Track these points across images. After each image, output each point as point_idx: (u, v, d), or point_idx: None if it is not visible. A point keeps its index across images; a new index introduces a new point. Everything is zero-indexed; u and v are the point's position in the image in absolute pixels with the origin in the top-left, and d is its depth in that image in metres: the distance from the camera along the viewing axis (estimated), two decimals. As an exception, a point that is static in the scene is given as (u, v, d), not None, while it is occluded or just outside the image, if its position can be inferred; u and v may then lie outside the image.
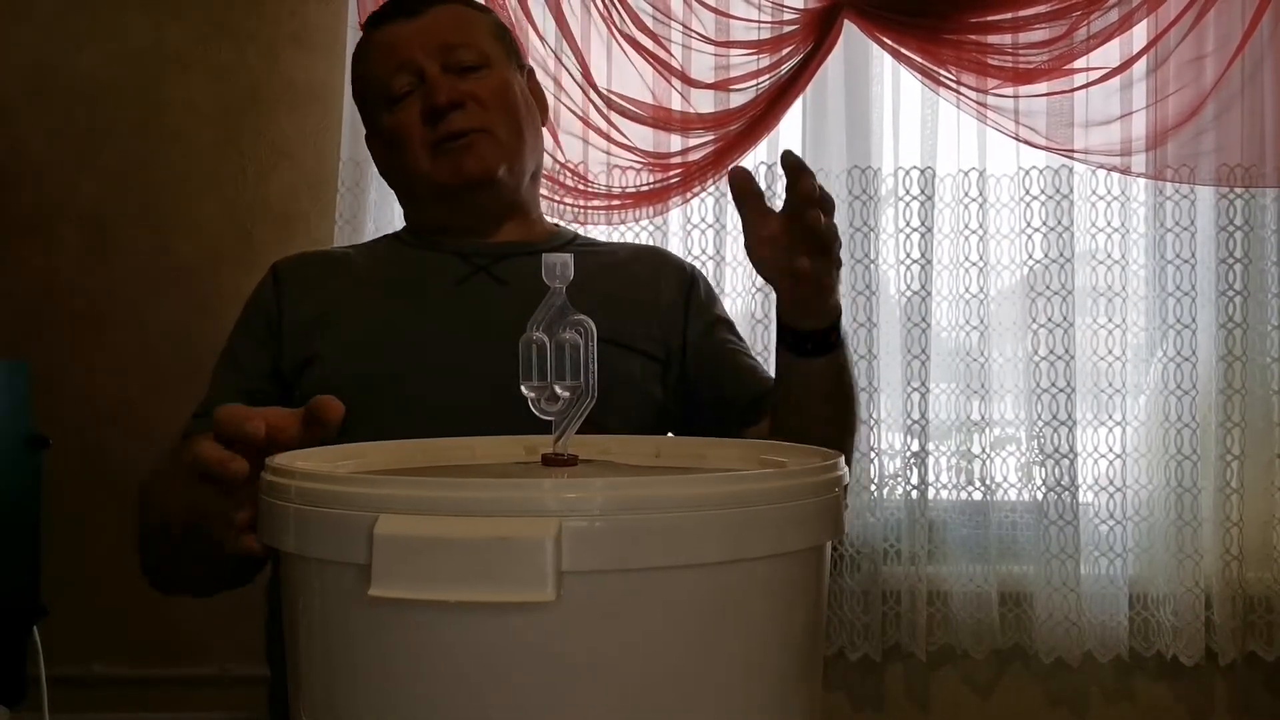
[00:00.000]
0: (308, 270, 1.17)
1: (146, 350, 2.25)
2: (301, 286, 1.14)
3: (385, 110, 1.16)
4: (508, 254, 1.16)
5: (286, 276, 1.16)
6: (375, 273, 1.17)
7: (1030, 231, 2.19)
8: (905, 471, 2.19)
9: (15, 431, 1.70)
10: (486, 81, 1.15)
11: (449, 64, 1.14)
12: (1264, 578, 2.16)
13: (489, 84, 1.15)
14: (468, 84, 1.13)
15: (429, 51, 1.13)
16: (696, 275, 1.26)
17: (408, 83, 1.14)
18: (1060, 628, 2.14)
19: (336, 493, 0.55)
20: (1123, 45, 2.18)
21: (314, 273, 1.17)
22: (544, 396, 0.70)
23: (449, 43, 1.14)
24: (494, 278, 1.14)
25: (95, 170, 2.29)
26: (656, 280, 1.22)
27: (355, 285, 1.15)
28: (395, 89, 1.14)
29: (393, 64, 1.14)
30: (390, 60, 1.15)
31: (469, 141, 1.12)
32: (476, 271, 1.14)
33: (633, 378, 1.11)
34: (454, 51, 1.14)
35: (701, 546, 0.53)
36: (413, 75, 1.14)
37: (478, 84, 1.14)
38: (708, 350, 1.20)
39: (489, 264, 1.15)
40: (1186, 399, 2.14)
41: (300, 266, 1.18)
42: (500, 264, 1.15)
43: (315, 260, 1.21)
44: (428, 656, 0.52)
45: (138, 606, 2.17)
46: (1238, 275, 2.15)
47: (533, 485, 0.53)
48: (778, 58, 2.20)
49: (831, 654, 2.20)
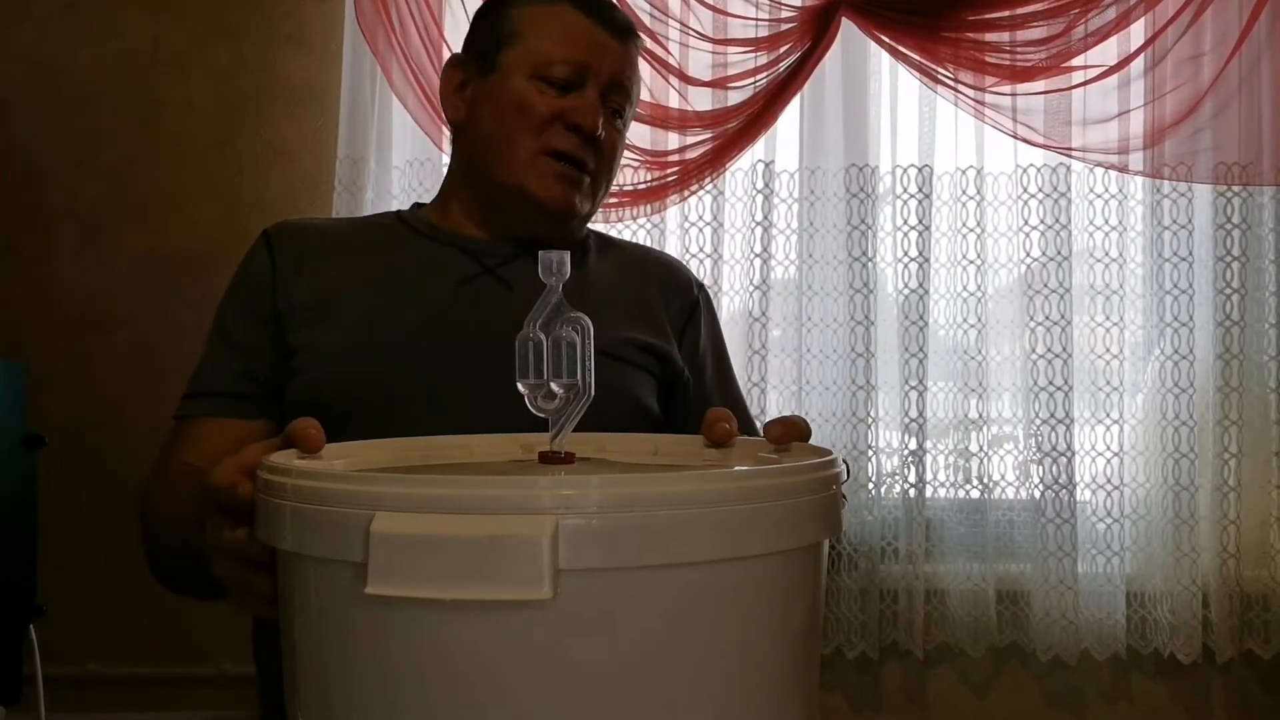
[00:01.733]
0: (303, 245, 1.10)
1: (144, 350, 2.25)
2: (297, 264, 1.08)
3: (529, 75, 1.09)
4: (519, 254, 1.11)
5: (281, 250, 1.09)
6: (377, 259, 1.11)
7: (1028, 229, 2.19)
8: (903, 470, 2.19)
9: (12, 431, 1.70)
10: (618, 138, 1.15)
11: (607, 99, 1.11)
12: (1261, 576, 2.17)
13: (617, 140, 1.14)
14: (609, 130, 1.12)
15: (604, 76, 1.10)
16: (699, 300, 1.23)
17: (567, 74, 1.09)
18: (1057, 626, 2.14)
19: (333, 491, 0.55)
20: (1120, 43, 2.18)
21: (311, 249, 1.10)
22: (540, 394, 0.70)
23: (622, 85, 1.13)
24: (500, 279, 1.11)
25: (93, 170, 2.29)
26: (662, 294, 1.19)
27: (355, 271, 1.09)
28: (556, 73, 1.08)
29: (572, 53, 1.09)
30: (572, 48, 1.09)
31: (576, 177, 1.10)
32: (482, 272, 1.11)
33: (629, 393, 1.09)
34: (617, 92, 1.12)
35: (699, 544, 0.53)
36: (577, 76, 1.09)
37: (613, 135, 1.13)
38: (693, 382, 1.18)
39: (496, 265, 1.11)
40: (1184, 397, 2.14)
41: (295, 240, 1.11)
42: (507, 265, 1.11)
43: (312, 234, 1.13)
44: (425, 655, 0.52)
45: (134, 606, 2.17)
46: (1235, 273, 2.15)
47: (529, 483, 0.53)
48: (775, 55, 2.20)
49: (829, 652, 2.20)
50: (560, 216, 1.10)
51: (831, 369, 2.20)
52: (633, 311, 1.15)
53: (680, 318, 1.19)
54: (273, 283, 1.07)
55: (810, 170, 2.21)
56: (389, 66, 2.18)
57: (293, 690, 0.60)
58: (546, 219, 1.10)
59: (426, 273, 1.10)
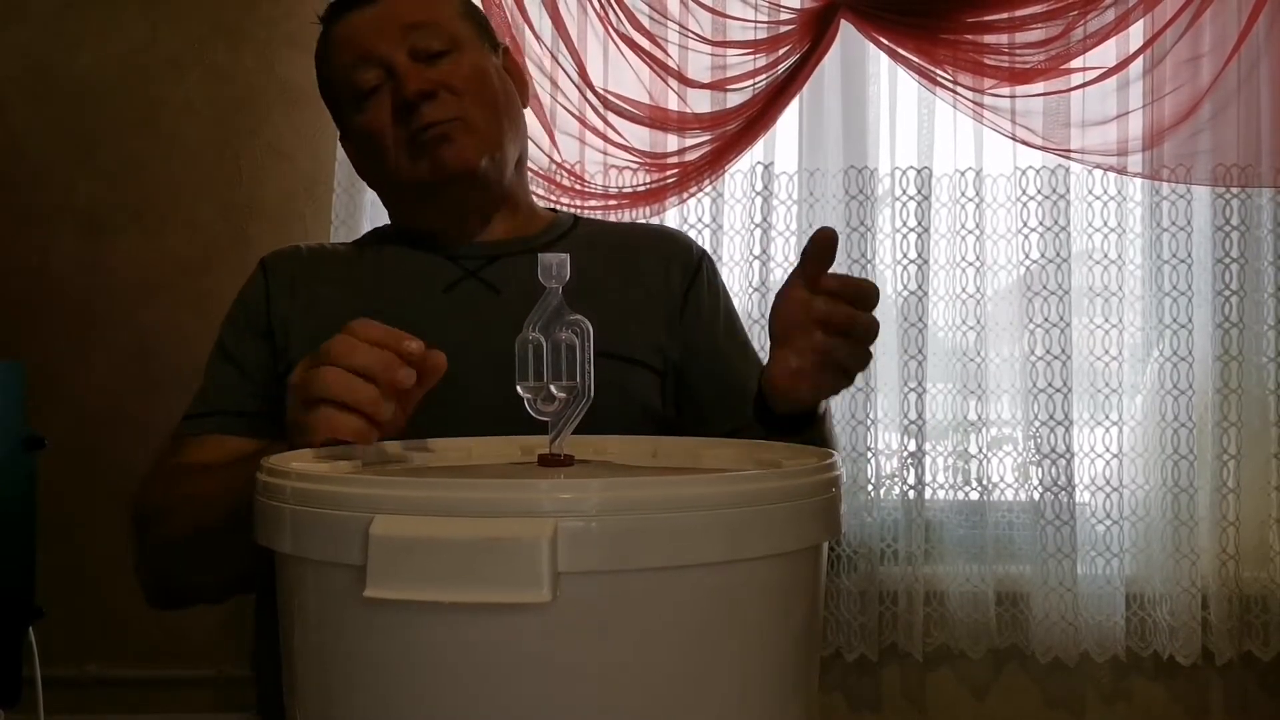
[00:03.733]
0: (297, 268, 1.12)
1: (143, 351, 2.25)
2: (291, 285, 1.10)
3: (354, 109, 1.08)
4: (500, 254, 1.11)
5: (276, 273, 1.11)
6: (362, 274, 1.12)
7: (1027, 231, 2.19)
8: (902, 471, 2.19)
9: (10, 432, 1.69)
10: (457, 67, 1.07)
11: (415, 50, 1.05)
12: (1260, 577, 2.17)
13: (460, 69, 1.06)
14: (438, 71, 1.05)
15: (391, 39, 1.05)
16: (701, 265, 1.18)
17: (374, 77, 1.06)
18: (1057, 628, 2.14)
19: (332, 493, 0.54)
20: (1119, 45, 2.18)
21: (303, 271, 1.12)
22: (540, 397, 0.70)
23: (412, 24, 1.06)
24: (485, 283, 1.09)
25: (91, 171, 2.29)
26: (663, 268, 1.16)
27: (343, 288, 1.10)
28: (361, 85, 1.06)
29: (354, 57, 1.07)
30: (351, 53, 1.07)
31: (444, 133, 1.04)
32: (466, 276, 1.10)
33: (631, 393, 1.07)
34: (419, 35, 1.06)
35: (698, 547, 0.53)
36: (378, 68, 1.06)
37: (448, 70, 1.06)
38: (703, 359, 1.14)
39: (480, 267, 1.10)
40: (1183, 399, 2.14)
41: (290, 263, 1.13)
42: (492, 267, 1.10)
43: (305, 257, 1.15)
44: (424, 658, 0.52)
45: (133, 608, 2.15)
46: (1234, 275, 2.15)
47: (528, 486, 0.52)
48: (774, 57, 2.20)
49: (828, 654, 2.20)
50: (458, 175, 1.06)
51: (831, 370, 2.19)
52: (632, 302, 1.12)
53: (683, 284, 1.16)
54: (266, 302, 1.09)
55: (809, 172, 2.21)
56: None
57: (292, 692, 0.60)
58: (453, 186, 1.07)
59: (412, 282, 1.10)
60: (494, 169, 1.09)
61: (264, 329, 1.08)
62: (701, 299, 1.16)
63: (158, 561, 0.98)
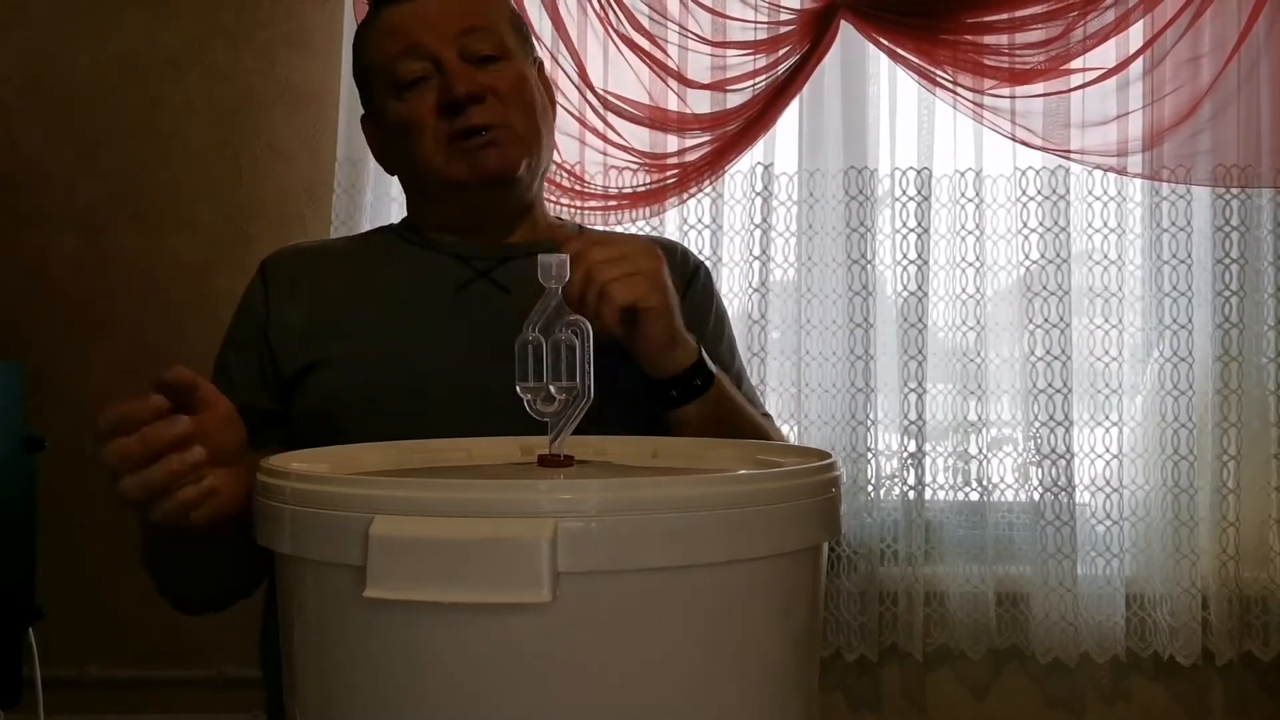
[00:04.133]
0: (299, 268, 1.12)
1: (142, 352, 2.24)
2: (292, 287, 1.09)
3: (392, 96, 1.08)
4: (511, 256, 1.11)
5: (276, 277, 1.11)
6: (372, 273, 1.12)
7: (1027, 232, 2.19)
8: (902, 472, 2.19)
9: (11, 433, 1.69)
10: (505, 74, 1.07)
11: (466, 52, 1.06)
12: (1260, 578, 2.17)
13: (508, 76, 1.07)
14: (486, 75, 1.06)
15: (445, 37, 1.05)
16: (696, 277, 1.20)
17: (420, 69, 1.06)
18: (1057, 628, 2.14)
19: (332, 494, 0.55)
20: (1119, 46, 2.18)
21: (306, 271, 1.11)
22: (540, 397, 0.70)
23: (467, 28, 1.06)
24: (496, 284, 1.10)
25: (91, 172, 2.29)
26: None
27: (351, 287, 1.10)
28: (404, 75, 1.06)
29: (402, 46, 1.06)
30: (400, 42, 1.06)
31: (491, 138, 1.05)
32: (478, 277, 1.10)
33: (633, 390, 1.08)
34: (472, 38, 1.06)
35: (698, 547, 0.53)
36: (425, 61, 1.05)
37: (496, 76, 1.06)
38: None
39: (491, 268, 1.10)
40: (1183, 399, 2.14)
41: (291, 264, 1.12)
42: (503, 268, 1.10)
43: (308, 257, 1.15)
44: (423, 658, 0.52)
45: (133, 608, 2.16)
46: (1234, 275, 2.15)
47: (528, 486, 0.52)
48: (774, 58, 2.20)
49: (828, 654, 2.19)
50: (497, 179, 1.07)
51: (831, 371, 2.20)
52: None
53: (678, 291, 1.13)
54: (265, 313, 1.08)
55: (809, 173, 2.21)
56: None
57: (292, 692, 0.60)
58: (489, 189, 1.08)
59: (423, 282, 1.10)
60: (528, 175, 1.10)
61: (263, 341, 1.07)
62: (695, 305, 1.17)
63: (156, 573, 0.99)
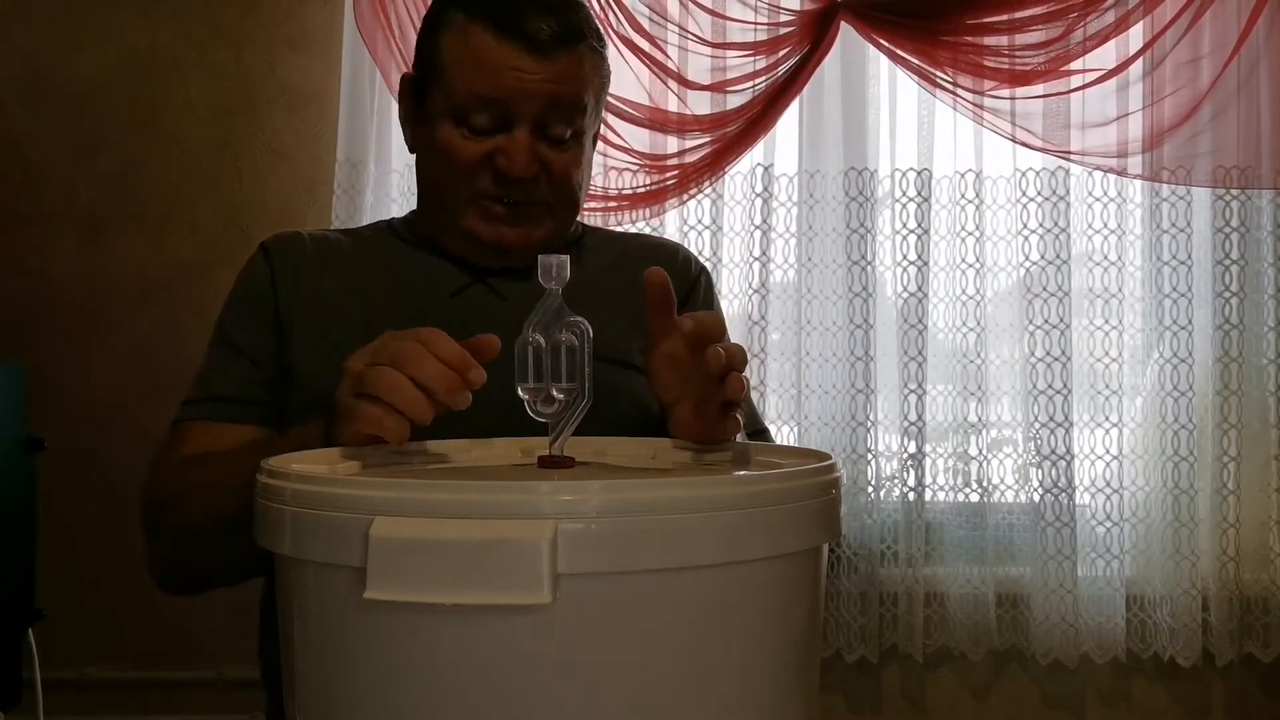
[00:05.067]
0: (300, 257, 1.10)
1: (142, 352, 2.25)
2: (294, 276, 1.08)
3: (450, 119, 1.02)
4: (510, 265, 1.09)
5: (279, 260, 1.09)
6: (368, 273, 1.11)
7: (1027, 233, 2.19)
8: (902, 473, 2.19)
9: (10, 434, 1.69)
10: (566, 155, 1.04)
11: (542, 125, 1.02)
12: (1261, 579, 2.17)
13: (567, 159, 1.04)
14: (548, 153, 1.03)
15: (532, 107, 1.00)
16: (699, 281, 1.19)
17: (489, 121, 1.01)
18: (1057, 629, 2.14)
19: (332, 495, 0.54)
20: (1119, 47, 2.18)
21: (307, 262, 1.10)
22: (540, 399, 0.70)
23: (556, 100, 1.01)
24: (493, 291, 1.09)
25: (91, 172, 2.29)
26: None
27: (349, 284, 1.09)
28: (475, 121, 1.01)
29: (486, 91, 1.00)
30: (486, 85, 1.00)
31: (521, 213, 1.04)
32: (473, 282, 1.09)
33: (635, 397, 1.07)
34: (554, 116, 1.02)
35: (698, 548, 0.53)
36: (500, 116, 1.01)
37: (558, 156, 1.03)
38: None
39: (488, 275, 1.10)
40: (1183, 400, 2.14)
41: (293, 252, 1.10)
42: (500, 276, 1.10)
43: (309, 247, 1.12)
44: (424, 659, 0.52)
45: (133, 609, 2.17)
46: (1234, 276, 2.15)
47: (528, 487, 0.52)
48: (774, 59, 2.20)
49: (829, 656, 2.19)
50: (511, 252, 1.07)
51: (831, 372, 2.19)
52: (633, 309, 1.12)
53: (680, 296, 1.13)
54: (273, 292, 1.07)
55: (809, 174, 2.21)
56: (388, 70, 2.18)
57: (291, 694, 0.60)
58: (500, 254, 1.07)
59: (419, 284, 1.10)
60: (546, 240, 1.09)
61: (271, 318, 1.06)
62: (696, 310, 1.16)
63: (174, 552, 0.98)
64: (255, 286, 1.09)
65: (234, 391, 1.04)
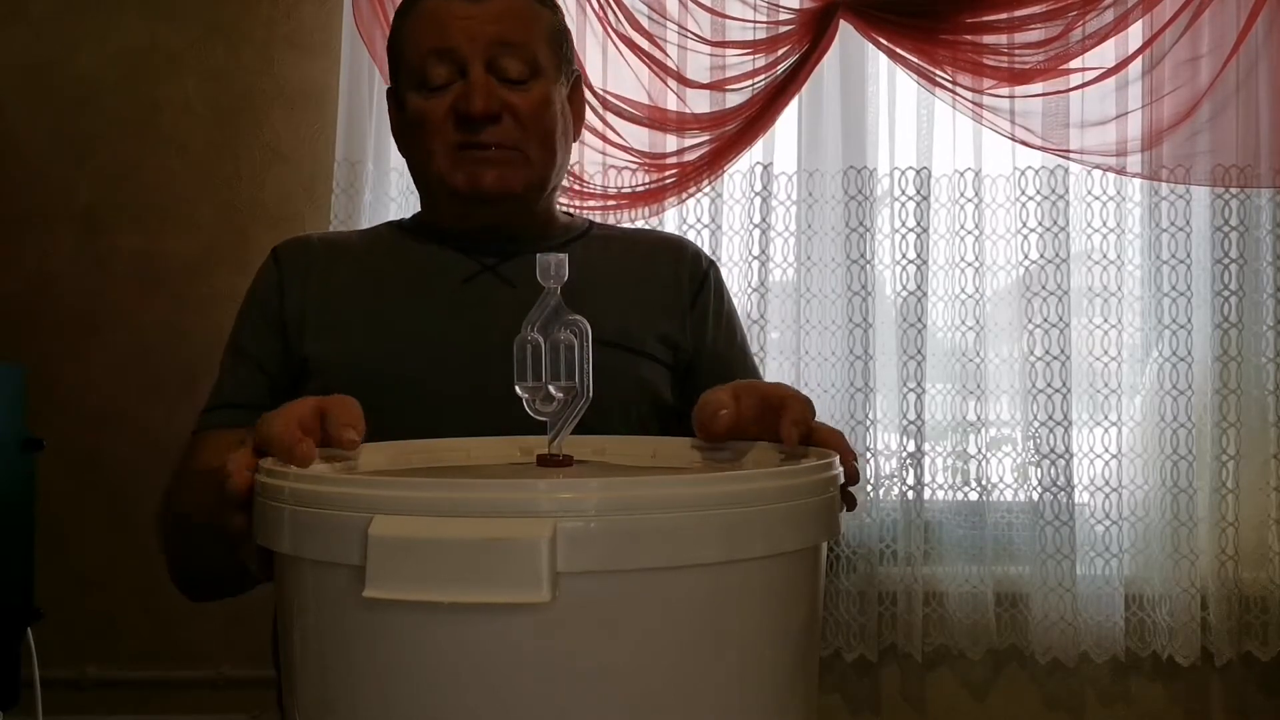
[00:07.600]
0: (310, 258, 1.12)
1: (141, 352, 2.25)
2: (303, 276, 1.10)
3: (415, 89, 1.08)
4: (518, 252, 1.10)
5: (288, 264, 1.11)
6: (378, 266, 1.13)
7: (1026, 232, 2.19)
8: (901, 472, 2.19)
9: (9, 434, 1.69)
10: (528, 95, 1.07)
11: (495, 66, 1.05)
12: (1259, 578, 2.17)
13: (531, 98, 1.07)
14: (510, 94, 1.06)
15: (478, 47, 1.05)
16: (709, 274, 1.20)
17: (446, 73, 1.05)
18: (1056, 628, 2.14)
19: (331, 494, 0.54)
20: (1118, 46, 2.18)
21: (316, 261, 1.12)
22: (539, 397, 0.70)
23: (503, 41, 1.05)
24: (501, 278, 1.10)
25: (90, 171, 2.29)
26: (673, 271, 1.17)
27: (357, 279, 1.11)
28: (431, 77, 1.06)
29: (435, 44, 1.05)
30: (434, 39, 1.06)
31: (494, 156, 1.06)
32: (483, 270, 1.10)
33: (641, 382, 1.08)
34: (505, 54, 1.05)
35: (697, 547, 0.53)
36: (454, 66, 1.05)
37: (520, 96, 1.06)
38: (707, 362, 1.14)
39: (497, 263, 1.11)
40: (1182, 399, 2.14)
41: (303, 255, 1.13)
42: (509, 263, 1.10)
43: (319, 248, 1.15)
44: (423, 658, 0.52)
45: (132, 609, 2.17)
46: (1233, 275, 2.15)
47: (527, 486, 0.52)
48: (774, 58, 2.20)
49: (827, 655, 2.20)
50: (493, 197, 1.07)
51: (830, 371, 2.20)
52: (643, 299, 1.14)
53: (690, 291, 1.17)
54: (280, 294, 1.09)
55: (808, 173, 2.21)
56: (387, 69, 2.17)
57: (291, 693, 0.60)
58: (492, 207, 1.08)
59: (429, 275, 1.11)
60: (529, 194, 1.10)
61: (277, 323, 1.08)
62: (708, 304, 1.18)
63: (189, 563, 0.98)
64: (263, 292, 1.11)
65: (246, 399, 1.05)
